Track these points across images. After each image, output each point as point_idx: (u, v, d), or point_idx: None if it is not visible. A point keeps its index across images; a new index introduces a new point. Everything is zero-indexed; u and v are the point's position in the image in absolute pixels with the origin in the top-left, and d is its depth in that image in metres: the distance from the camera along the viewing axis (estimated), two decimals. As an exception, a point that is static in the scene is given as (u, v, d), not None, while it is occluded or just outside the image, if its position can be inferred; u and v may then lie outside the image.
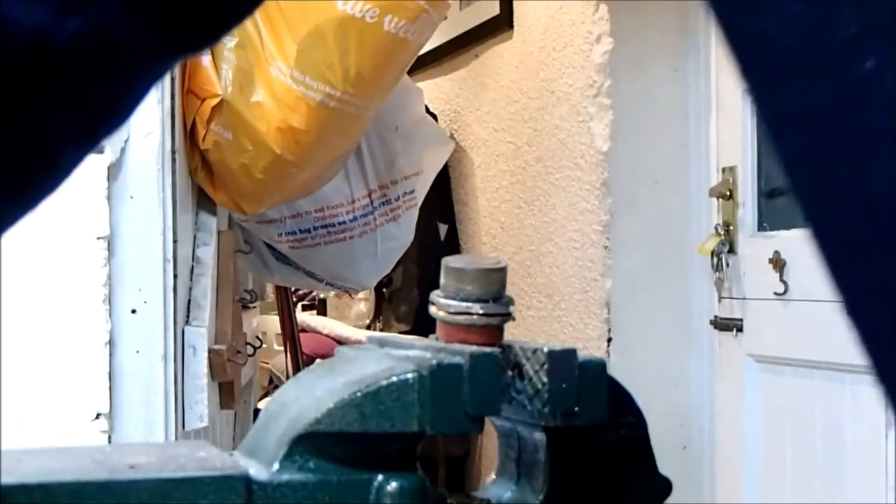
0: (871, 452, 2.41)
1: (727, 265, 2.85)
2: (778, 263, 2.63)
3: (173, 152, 1.96)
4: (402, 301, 5.53)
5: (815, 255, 0.38)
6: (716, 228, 2.87)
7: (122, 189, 1.87)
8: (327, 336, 5.23)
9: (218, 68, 2.17)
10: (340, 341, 4.96)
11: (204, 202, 2.32)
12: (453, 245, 4.01)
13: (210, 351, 2.08)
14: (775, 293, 2.65)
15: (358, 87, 2.14)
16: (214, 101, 2.15)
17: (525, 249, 3.41)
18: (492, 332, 0.55)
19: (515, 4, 3.45)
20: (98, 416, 1.82)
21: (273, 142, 2.17)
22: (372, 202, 2.73)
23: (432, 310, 0.56)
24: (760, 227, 2.78)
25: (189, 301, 2.10)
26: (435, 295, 0.55)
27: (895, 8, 0.35)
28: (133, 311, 1.87)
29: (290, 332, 3.98)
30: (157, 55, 0.54)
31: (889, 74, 0.35)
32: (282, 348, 4.36)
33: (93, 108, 0.54)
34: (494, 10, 3.52)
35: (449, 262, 0.58)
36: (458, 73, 3.92)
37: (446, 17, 2.33)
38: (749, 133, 2.76)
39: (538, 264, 3.33)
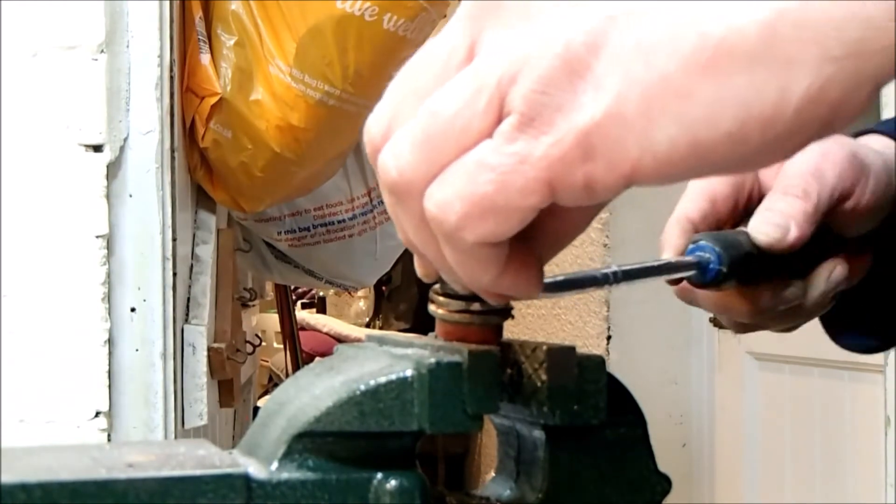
0: (870, 449, 2.41)
1: (726, 263, 2.85)
2: (777, 261, 2.63)
3: (172, 151, 1.95)
4: (402, 299, 5.54)
5: None
6: (715, 226, 2.87)
7: (121, 187, 1.87)
8: (326, 334, 5.24)
9: (217, 66, 2.17)
10: (340, 339, 4.97)
11: (203, 200, 2.32)
12: (452, 243, 4.01)
13: (209, 349, 2.08)
14: (774, 291, 2.65)
15: (357, 86, 2.14)
16: (214, 100, 2.15)
17: (524, 247, 3.41)
18: (491, 330, 0.55)
19: (514, 2, 3.44)
20: (97, 414, 1.82)
21: (272, 140, 2.17)
22: (371, 200, 2.73)
23: (431, 308, 0.55)
24: (760, 225, 2.78)
25: (188, 299, 2.10)
26: (434, 293, 0.55)
27: None
28: (132, 310, 1.87)
29: (290, 330, 3.98)
30: None
31: None
32: (281, 346, 4.36)
33: None
34: (493, 7, 3.52)
35: (448, 260, 0.58)
36: (457, 70, 3.92)
37: (445, 16, 2.33)
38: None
39: (537, 262, 3.33)
